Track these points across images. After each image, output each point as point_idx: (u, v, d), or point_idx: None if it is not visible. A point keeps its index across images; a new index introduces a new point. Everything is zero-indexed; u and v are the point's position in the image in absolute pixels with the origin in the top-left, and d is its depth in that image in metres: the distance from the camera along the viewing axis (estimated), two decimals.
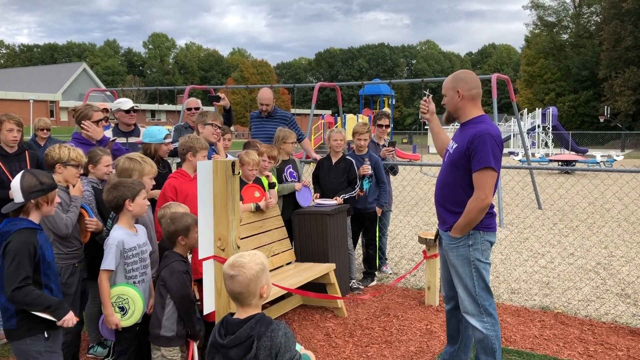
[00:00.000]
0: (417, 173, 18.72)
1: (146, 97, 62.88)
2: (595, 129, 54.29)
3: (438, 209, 3.74)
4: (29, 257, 2.97)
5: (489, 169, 3.40)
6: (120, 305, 3.41)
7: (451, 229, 3.59)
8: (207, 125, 5.11)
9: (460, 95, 3.56)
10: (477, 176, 3.43)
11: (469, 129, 3.53)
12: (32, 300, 2.94)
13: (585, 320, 5.21)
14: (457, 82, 3.58)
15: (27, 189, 3.04)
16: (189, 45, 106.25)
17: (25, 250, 2.96)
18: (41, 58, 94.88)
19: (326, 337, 4.80)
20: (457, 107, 3.60)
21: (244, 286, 2.31)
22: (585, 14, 63.49)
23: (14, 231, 3.00)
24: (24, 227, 3.03)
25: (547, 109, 32.58)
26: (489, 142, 3.40)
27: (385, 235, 6.80)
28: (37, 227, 3.12)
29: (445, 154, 3.78)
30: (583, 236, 9.16)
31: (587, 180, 17.86)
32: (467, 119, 3.60)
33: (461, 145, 3.51)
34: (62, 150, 3.81)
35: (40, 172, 3.17)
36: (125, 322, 3.42)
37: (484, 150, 3.39)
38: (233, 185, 3.18)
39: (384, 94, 30.39)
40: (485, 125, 3.48)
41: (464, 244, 3.56)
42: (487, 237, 3.59)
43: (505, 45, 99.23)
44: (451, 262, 3.65)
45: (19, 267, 2.93)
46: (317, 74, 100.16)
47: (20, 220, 3.06)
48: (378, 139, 6.90)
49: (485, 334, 3.56)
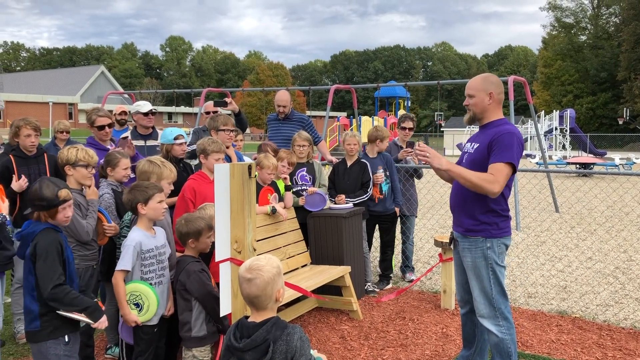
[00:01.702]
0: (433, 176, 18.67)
1: (163, 99, 63.38)
2: (614, 131, 53.63)
3: (455, 211, 3.73)
4: (58, 255, 2.98)
5: (509, 165, 3.39)
6: (135, 302, 3.45)
7: (467, 231, 3.58)
8: (220, 131, 5.14)
9: (492, 98, 3.56)
10: (494, 166, 3.40)
11: (491, 130, 3.54)
12: (71, 300, 2.94)
13: (604, 325, 5.15)
14: (489, 85, 3.57)
15: (31, 199, 3.06)
16: (205, 48, 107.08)
17: (54, 249, 2.97)
18: (60, 61, 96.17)
19: (341, 340, 4.80)
20: (486, 109, 3.59)
21: (261, 289, 2.32)
22: (604, 15, 62.82)
23: (39, 231, 3.01)
24: (47, 227, 3.05)
25: (565, 111, 32.29)
26: (515, 140, 3.42)
27: (410, 241, 6.69)
28: (58, 229, 3.13)
29: (462, 156, 3.77)
30: (601, 240, 9.06)
31: (605, 183, 17.65)
32: (489, 121, 3.61)
33: (483, 144, 3.51)
34: (70, 152, 3.82)
35: (50, 184, 3.09)
36: (142, 318, 3.45)
37: (508, 147, 3.39)
38: (249, 188, 3.20)
39: (400, 96, 30.32)
40: (511, 127, 3.51)
41: (480, 247, 3.55)
42: (503, 241, 3.59)
43: (522, 46, 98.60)
44: (468, 265, 3.64)
45: (53, 264, 2.93)
46: (332, 76, 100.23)
47: (42, 222, 3.08)
48: (402, 142, 6.88)
49: (500, 337, 3.55)
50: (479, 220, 3.54)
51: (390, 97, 31.28)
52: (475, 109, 3.63)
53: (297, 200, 5.70)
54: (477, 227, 3.55)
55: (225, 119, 5.24)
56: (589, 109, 58.57)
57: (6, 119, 46.62)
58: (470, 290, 3.78)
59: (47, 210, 3.04)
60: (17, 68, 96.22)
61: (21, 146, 4.70)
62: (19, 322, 4.75)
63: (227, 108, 6.29)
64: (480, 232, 3.56)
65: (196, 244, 3.59)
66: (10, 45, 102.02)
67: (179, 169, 4.70)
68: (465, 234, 3.62)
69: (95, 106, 5.15)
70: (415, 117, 7.17)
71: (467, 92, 3.66)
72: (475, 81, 3.65)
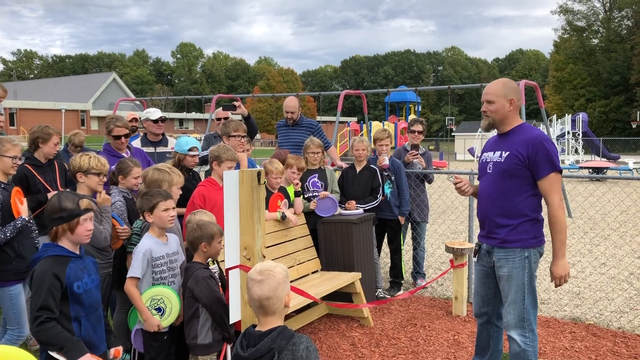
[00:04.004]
0: (444, 181, 18.57)
1: (174, 105, 63.77)
2: (627, 135, 53.12)
3: (487, 222, 3.63)
4: (49, 287, 2.74)
5: (558, 173, 3.40)
6: (156, 306, 3.44)
7: (504, 242, 3.51)
8: (232, 137, 5.15)
9: (513, 105, 3.51)
10: (547, 181, 3.39)
11: (516, 137, 3.48)
12: (47, 338, 2.72)
13: (618, 332, 5.08)
14: (510, 91, 3.51)
15: (49, 214, 2.88)
16: (216, 55, 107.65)
17: (45, 280, 2.74)
18: (73, 68, 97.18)
19: (352, 347, 4.77)
20: (506, 115, 3.53)
21: (273, 289, 2.29)
22: (616, 18, 62.36)
23: (42, 258, 2.84)
24: (53, 254, 2.85)
25: (577, 115, 32.03)
26: (550, 146, 3.40)
27: (421, 247, 6.64)
28: (70, 254, 2.90)
29: (485, 165, 3.66)
30: (615, 245, 8.95)
31: (619, 188, 17.46)
32: (510, 127, 3.55)
33: (517, 153, 3.43)
34: (83, 159, 3.85)
35: (68, 195, 2.95)
36: (165, 322, 3.44)
37: (550, 155, 3.38)
38: (259, 195, 3.20)
39: (410, 101, 30.23)
40: (539, 132, 3.47)
41: (519, 257, 3.50)
42: (539, 249, 3.56)
43: (534, 50, 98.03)
44: (503, 275, 3.55)
45: (40, 298, 2.72)
46: (342, 81, 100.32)
47: (52, 247, 2.89)
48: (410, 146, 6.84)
49: (523, 348, 3.50)
50: (517, 229, 3.47)
51: (400, 102, 31.19)
52: (495, 116, 3.54)
53: (308, 206, 5.68)
54: (514, 237, 3.48)
55: (237, 125, 5.25)
56: (601, 112, 58.08)
57: (19, 126, 47.13)
58: (489, 303, 3.74)
59: (68, 221, 2.86)
60: (31, 76, 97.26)
61: (44, 153, 4.68)
62: None
63: (236, 112, 6.30)
64: (517, 242, 3.49)
65: (208, 249, 3.59)
66: (24, 53, 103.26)
67: (187, 177, 4.71)
68: (502, 245, 3.53)
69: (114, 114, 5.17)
70: (426, 122, 7.13)
71: (485, 98, 3.56)
72: (494, 86, 3.55)
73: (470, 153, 36.08)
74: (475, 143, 35.47)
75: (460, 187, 3.79)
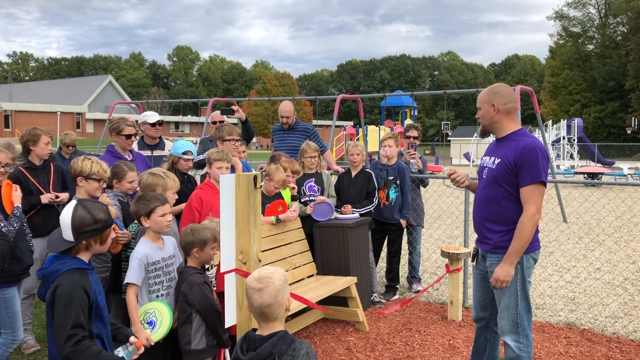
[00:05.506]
0: (439, 185, 18.60)
1: (170, 109, 63.72)
2: (622, 140, 53.33)
3: (479, 227, 3.65)
4: (80, 302, 2.55)
5: (540, 184, 3.36)
6: (148, 320, 3.40)
7: (496, 247, 3.51)
8: (225, 141, 5.14)
9: (496, 109, 3.51)
10: (527, 191, 3.37)
11: (510, 143, 3.47)
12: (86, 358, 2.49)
13: (613, 338, 5.09)
14: (492, 96, 3.53)
15: (79, 227, 2.64)
16: (212, 58, 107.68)
17: (75, 295, 2.55)
18: (68, 71, 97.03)
19: (347, 352, 4.77)
20: (493, 120, 3.55)
21: (274, 296, 2.29)
22: (612, 24, 62.69)
23: (63, 272, 2.60)
24: (74, 267, 2.64)
25: (572, 121, 32.14)
26: (539, 157, 3.36)
27: (416, 252, 6.65)
28: (88, 267, 2.72)
29: (481, 170, 3.69)
30: (610, 251, 8.98)
31: (613, 193, 17.53)
32: (505, 133, 3.55)
33: (506, 160, 3.43)
34: (85, 164, 3.85)
35: (95, 205, 2.76)
36: (155, 336, 3.36)
37: (535, 164, 3.34)
38: (255, 199, 3.20)
39: (406, 106, 30.30)
40: (532, 139, 3.44)
41: None
42: (532, 255, 3.55)
43: (529, 56, 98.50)
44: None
45: (71, 315, 2.51)
46: (339, 85, 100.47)
47: (70, 259, 2.67)
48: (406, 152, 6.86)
49: (517, 354, 3.50)
50: (508, 235, 3.46)
51: (396, 106, 31.25)
52: (483, 121, 3.61)
53: (305, 210, 5.68)
54: (506, 243, 3.47)
55: (231, 128, 5.24)
56: (596, 118, 58.31)
57: (14, 128, 46.98)
58: (487, 307, 3.75)
59: (102, 233, 2.72)
60: (26, 78, 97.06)
61: (37, 155, 4.68)
62: (25, 333, 4.75)
63: (234, 116, 6.30)
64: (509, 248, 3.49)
65: (200, 254, 3.58)
66: (20, 55, 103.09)
67: (182, 180, 4.71)
68: (495, 250, 3.54)
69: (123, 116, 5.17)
70: (422, 127, 7.18)
71: (477, 105, 3.67)
72: (482, 93, 3.63)
73: (466, 158, 36.13)
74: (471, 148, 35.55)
75: (454, 177, 3.83)
